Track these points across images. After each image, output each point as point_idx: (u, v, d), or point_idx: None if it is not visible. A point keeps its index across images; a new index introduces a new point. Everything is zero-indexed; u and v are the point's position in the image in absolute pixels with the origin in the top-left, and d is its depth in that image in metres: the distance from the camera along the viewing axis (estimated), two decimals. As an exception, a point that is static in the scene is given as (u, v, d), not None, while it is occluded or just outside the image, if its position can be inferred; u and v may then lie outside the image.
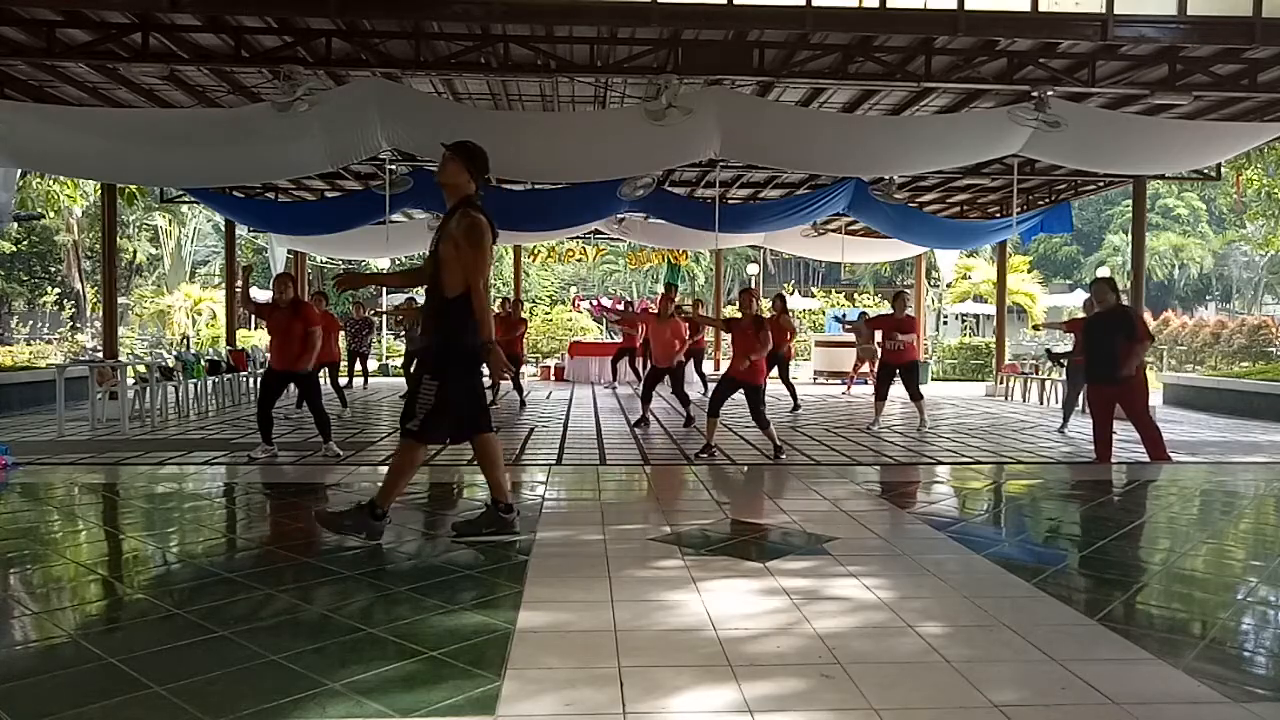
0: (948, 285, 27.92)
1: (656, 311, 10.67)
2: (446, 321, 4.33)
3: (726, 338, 8.40)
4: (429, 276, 4.43)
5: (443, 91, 10.14)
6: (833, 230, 17.26)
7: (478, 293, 4.31)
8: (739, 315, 8.04)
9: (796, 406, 12.18)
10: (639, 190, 11.62)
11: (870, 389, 15.49)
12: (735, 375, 7.83)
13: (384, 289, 19.43)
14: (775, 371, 12.59)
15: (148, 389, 10.16)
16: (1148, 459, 7.36)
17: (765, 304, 16.23)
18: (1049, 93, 8.43)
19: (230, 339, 16.61)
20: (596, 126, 9.78)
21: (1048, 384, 13.90)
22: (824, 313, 28.64)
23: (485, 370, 4.54)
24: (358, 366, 16.62)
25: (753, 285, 31.01)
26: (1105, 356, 7.16)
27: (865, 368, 15.69)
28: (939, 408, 12.88)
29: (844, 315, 17.25)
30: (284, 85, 7.93)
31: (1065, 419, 10.23)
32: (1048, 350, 8.87)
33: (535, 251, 21.17)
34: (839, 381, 17.50)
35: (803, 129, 9.42)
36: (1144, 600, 3.76)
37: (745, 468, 7.40)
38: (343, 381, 15.46)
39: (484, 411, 4.56)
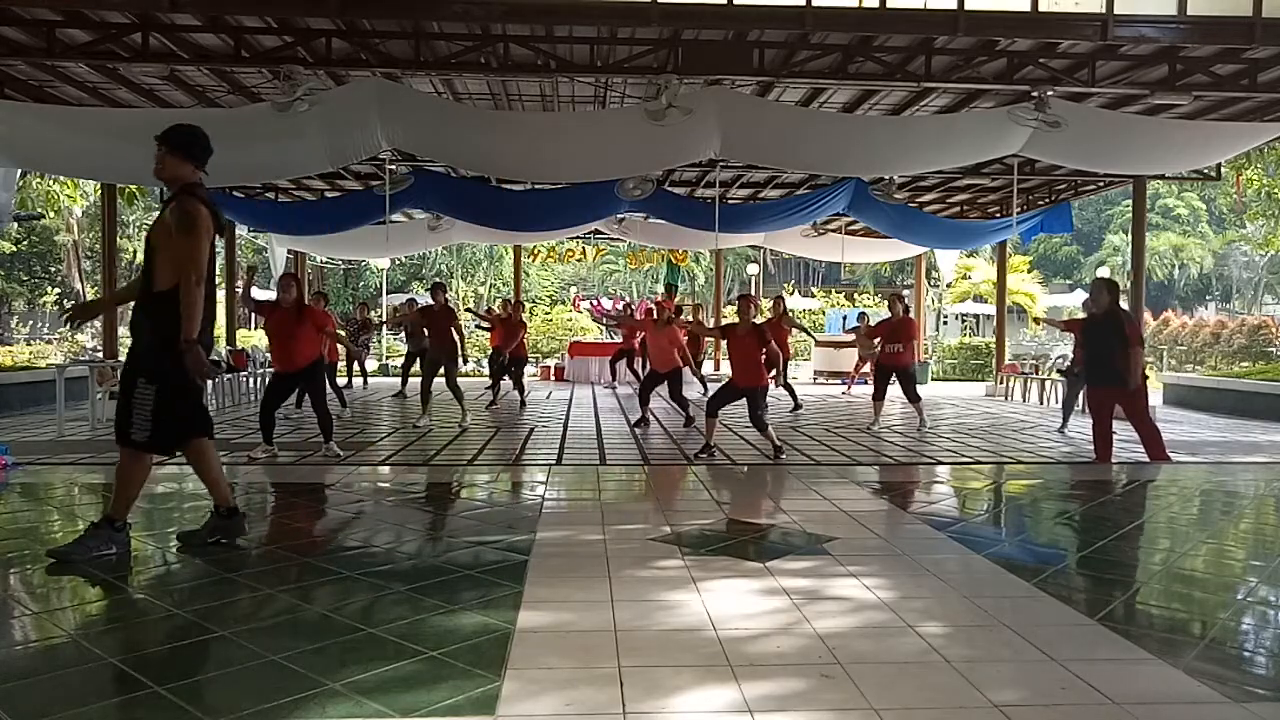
0: (948, 285, 27.93)
1: (655, 317, 10.63)
2: (159, 318, 4.01)
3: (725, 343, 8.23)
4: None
5: (443, 91, 10.14)
6: (833, 230, 17.25)
7: (188, 285, 3.97)
8: (735, 322, 7.95)
9: (797, 406, 12.17)
10: (635, 192, 11.63)
11: (869, 389, 15.60)
12: (738, 384, 7.76)
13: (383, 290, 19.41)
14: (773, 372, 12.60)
15: (148, 389, 10.14)
16: (1147, 459, 7.38)
17: (765, 303, 16.25)
18: (1049, 93, 8.43)
19: (230, 339, 16.61)
20: (596, 126, 9.77)
21: (1048, 384, 13.91)
22: (824, 313, 28.64)
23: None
24: (356, 367, 16.63)
25: (752, 288, 31.05)
26: (1103, 359, 7.20)
27: (866, 368, 15.75)
28: (939, 408, 12.88)
29: (845, 318, 17.30)
30: (284, 85, 7.93)
31: (1065, 419, 10.22)
32: (1070, 367, 8.71)
33: (535, 251, 21.16)
34: (839, 381, 17.51)
35: (803, 129, 9.41)
36: (1144, 600, 3.76)
37: (745, 468, 7.39)
38: (341, 382, 15.47)
39: (201, 413, 4.29)
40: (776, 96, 10.07)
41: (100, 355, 14.02)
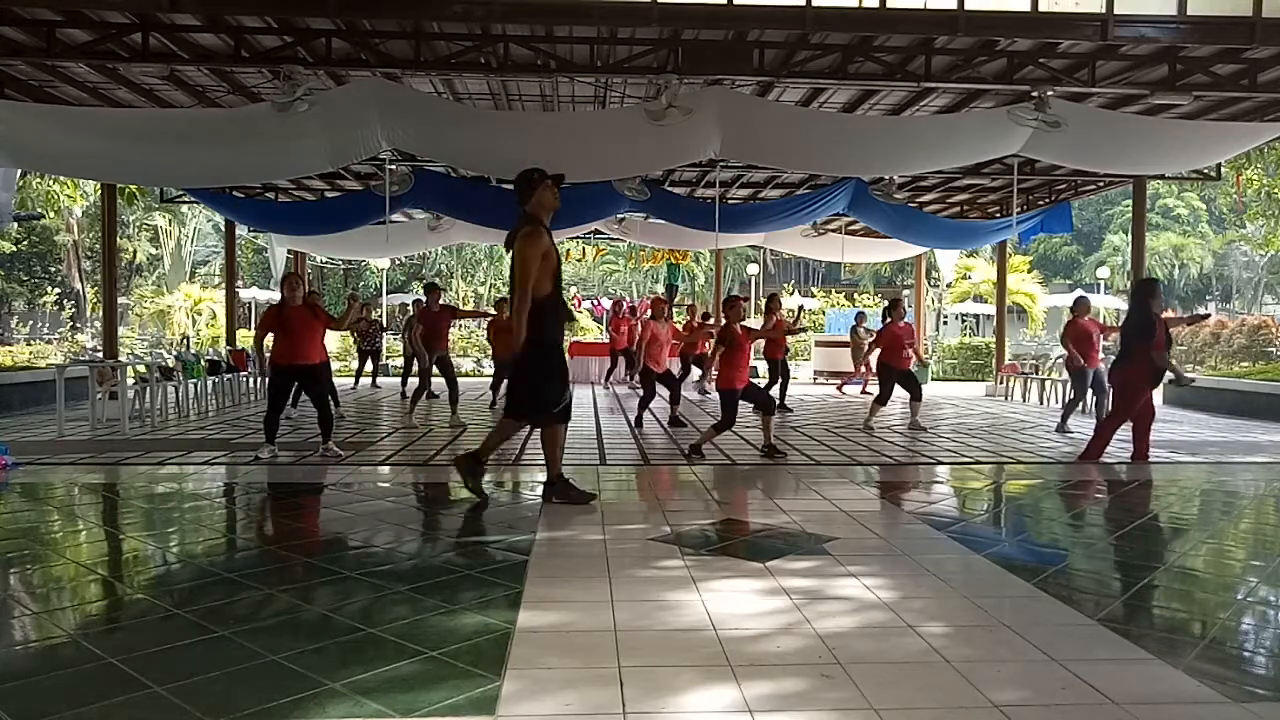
0: (948, 285, 27.91)
1: (653, 315, 10.61)
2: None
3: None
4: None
5: (443, 91, 10.13)
6: (833, 230, 17.26)
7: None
8: (726, 322, 7.86)
9: (784, 408, 12.15)
10: (628, 191, 11.67)
11: (859, 389, 15.61)
12: (736, 386, 7.69)
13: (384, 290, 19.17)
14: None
15: (148, 389, 10.15)
16: (1132, 459, 7.51)
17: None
18: (1049, 93, 8.43)
19: (230, 339, 16.62)
20: (596, 126, 9.77)
21: (1048, 384, 13.90)
22: (824, 313, 28.65)
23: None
24: (368, 366, 16.64)
25: (752, 288, 31.07)
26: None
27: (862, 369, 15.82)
28: (939, 408, 12.88)
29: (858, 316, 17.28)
30: (284, 85, 7.92)
31: (1064, 418, 10.19)
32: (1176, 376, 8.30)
33: (535, 251, 21.13)
34: (836, 382, 17.53)
35: (803, 129, 9.40)
36: (1144, 600, 3.76)
37: (746, 468, 7.39)
38: (348, 383, 15.47)
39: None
40: (776, 96, 10.07)
41: (100, 355, 14.02)
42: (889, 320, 10.17)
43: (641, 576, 3.86)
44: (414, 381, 11.69)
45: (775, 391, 12.37)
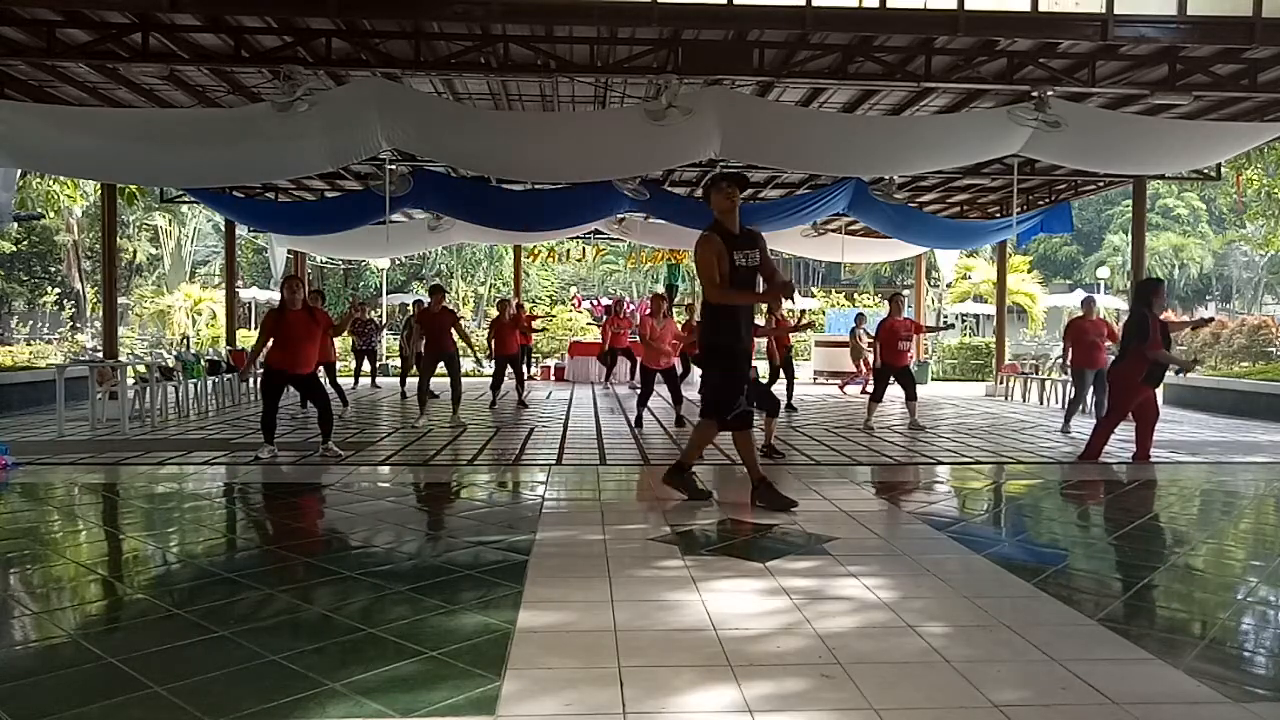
0: (948, 285, 27.90)
1: (651, 312, 10.60)
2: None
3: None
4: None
5: (443, 91, 10.13)
6: (833, 230, 17.25)
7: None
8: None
9: (789, 407, 12.17)
10: (628, 191, 11.68)
11: (859, 388, 15.61)
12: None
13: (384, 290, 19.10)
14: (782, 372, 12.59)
15: (148, 389, 10.15)
16: (1134, 459, 7.53)
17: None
18: (1049, 93, 8.43)
19: (230, 339, 16.62)
20: (596, 126, 9.76)
21: (1047, 384, 13.90)
22: (823, 312, 28.63)
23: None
24: (365, 366, 16.63)
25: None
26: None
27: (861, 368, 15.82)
28: (939, 408, 12.88)
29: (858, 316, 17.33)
30: (284, 85, 7.92)
31: (1067, 419, 10.20)
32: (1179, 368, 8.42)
33: (535, 251, 21.17)
34: (838, 382, 17.52)
35: (803, 129, 9.41)
36: (1144, 600, 3.76)
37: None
38: (349, 383, 15.46)
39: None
40: (776, 96, 10.07)
41: (100, 355, 14.02)
42: (887, 316, 10.25)
43: (641, 576, 3.86)
44: (414, 382, 11.69)
45: (781, 392, 12.38)
